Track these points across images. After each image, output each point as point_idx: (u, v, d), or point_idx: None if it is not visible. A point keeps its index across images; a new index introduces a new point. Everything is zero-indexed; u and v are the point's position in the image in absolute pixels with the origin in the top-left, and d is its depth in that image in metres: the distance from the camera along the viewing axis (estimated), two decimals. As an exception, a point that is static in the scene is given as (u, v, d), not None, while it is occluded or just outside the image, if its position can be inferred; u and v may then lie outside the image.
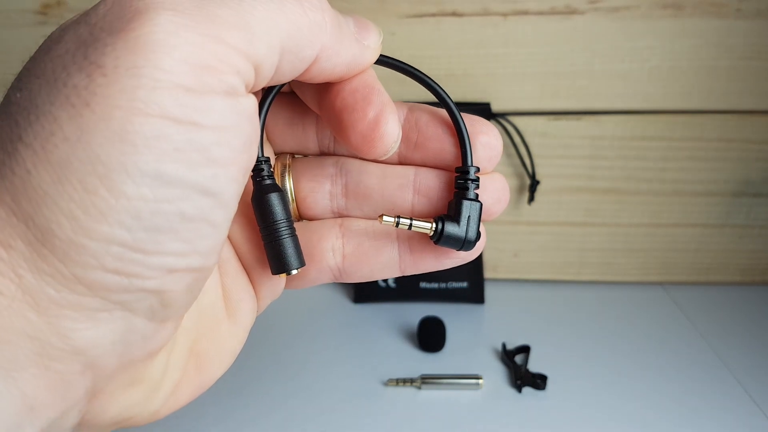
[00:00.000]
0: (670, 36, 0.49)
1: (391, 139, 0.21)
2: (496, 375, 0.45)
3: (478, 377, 0.44)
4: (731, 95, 0.50)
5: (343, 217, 0.25)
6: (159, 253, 0.16)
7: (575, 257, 0.57)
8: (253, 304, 0.25)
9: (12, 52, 0.52)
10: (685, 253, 0.57)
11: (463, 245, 0.23)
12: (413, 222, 0.22)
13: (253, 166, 0.19)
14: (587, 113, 0.52)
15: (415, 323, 0.49)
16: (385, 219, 0.22)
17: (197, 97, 0.16)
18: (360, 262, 0.24)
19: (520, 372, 0.44)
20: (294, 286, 0.26)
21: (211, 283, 0.23)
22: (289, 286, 0.26)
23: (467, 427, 0.40)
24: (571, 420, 0.41)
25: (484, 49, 0.50)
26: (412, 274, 0.25)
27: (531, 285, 0.58)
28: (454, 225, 0.22)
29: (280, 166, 0.25)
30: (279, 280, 0.25)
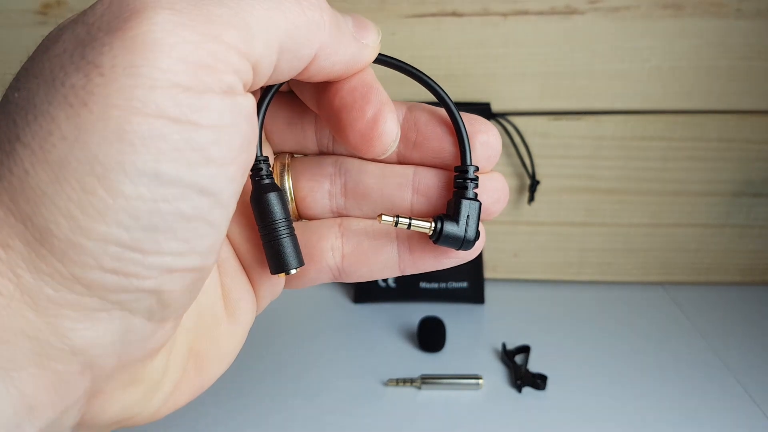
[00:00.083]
0: (670, 36, 0.49)
1: (389, 138, 0.21)
2: (496, 375, 0.45)
3: (478, 377, 0.44)
4: (731, 95, 0.50)
5: (342, 217, 0.25)
6: (157, 252, 0.16)
7: (575, 257, 0.57)
8: (252, 303, 0.25)
9: (12, 52, 0.52)
10: (685, 253, 0.56)
11: (463, 244, 0.23)
12: (412, 221, 0.22)
13: (251, 166, 0.19)
14: (587, 113, 0.52)
15: (415, 323, 0.49)
16: (384, 218, 0.22)
17: (195, 96, 0.16)
18: (359, 261, 0.24)
19: (520, 372, 0.44)
20: (293, 285, 0.26)
21: (211, 283, 0.23)
22: (288, 286, 0.26)
23: (467, 427, 0.40)
24: (571, 420, 0.40)
25: (484, 49, 0.50)
26: (411, 273, 0.24)
27: (531, 285, 0.58)
28: (453, 224, 0.22)
29: (279, 166, 0.25)
30: (278, 280, 0.25)
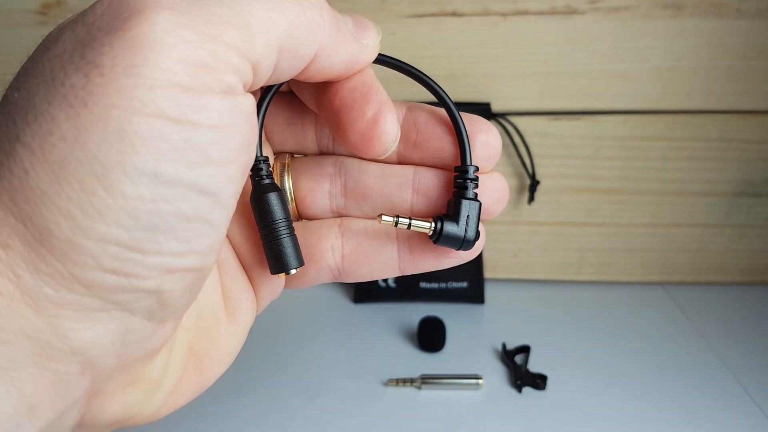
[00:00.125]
0: (670, 36, 0.49)
1: (389, 137, 0.21)
2: (496, 375, 0.45)
3: (478, 377, 0.44)
4: (731, 95, 0.50)
5: (342, 217, 0.25)
6: (157, 252, 0.16)
7: (575, 257, 0.57)
8: (252, 303, 0.25)
9: (12, 52, 0.52)
10: (685, 253, 0.56)
11: (463, 245, 0.23)
12: (412, 221, 0.22)
13: (251, 166, 0.19)
14: (587, 113, 0.52)
15: (415, 323, 0.49)
16: (384, 218, 0.22)
17: (195, 96, 0.16)
18: (359, 261, 0.24)
19: (520, 372, 0.44)
20: (293, 285, 0.26)
21: (211, 283, 0.23)
22: (288, 286, 0.26)
23: (467, 427, 0.40)
24: (571, 420, 0.40)
25: (484, 49, 0.50)
26: (411, 273, 0.24)
27: (531, 285, 0.58)
28: (453, 224, 0.22)
29: (279, 166, 0.25)
30: (278, 280, 0.25)
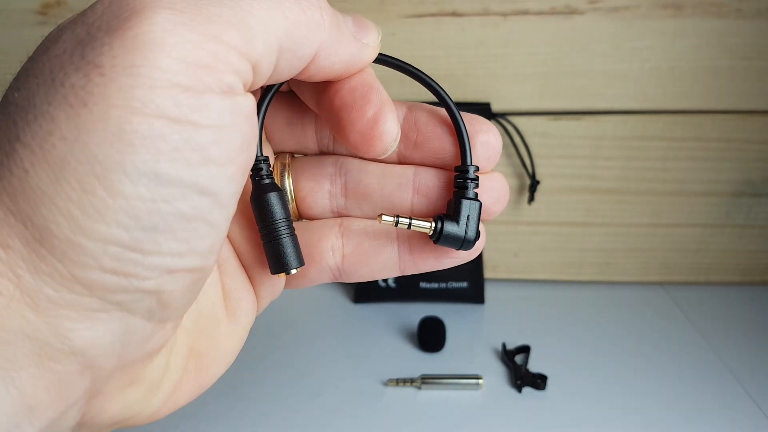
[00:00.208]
0: (670, 36, 0.49)
1: (389, 137, 0.21)
2: (496, 375, 0.45)
3: (478, 377, 0.43)
4: (731, 95, 0.50)
5: (342, 217, 0.25)
6: (157, 253, 0.16)
7: (575, 257, 0.57)
8: (252, 303, 0.25)
9: (12, 52, 0.52)
10: (685, 253, 0.56)
11: (463, 244, 0.23)
12: (412, 221, 0.22)
13: (251, 166, 0.19)
14: (587, 113, 0.52)
15: (415, 323, 0.49)
16: (384, 218, 0.22)
17: (195, 96, 0.16)
18: (359, 261, 0.24)
19: (520, 372, 0.44)
20: (294, 285, 0.26)
21: (211, 283, 0.23)
22: (288, 286, 0.26)
23: (467, 427, 0.40)
24: (571, 420, 0.40)
25: (484, 49, 0.50)
26: (411, 273, 0.24)
27: (531, 285, 0.58)
28: (454, 224, 0.22)
29: (280, 166, 0.25)
30: (279, 280, 0.25)
